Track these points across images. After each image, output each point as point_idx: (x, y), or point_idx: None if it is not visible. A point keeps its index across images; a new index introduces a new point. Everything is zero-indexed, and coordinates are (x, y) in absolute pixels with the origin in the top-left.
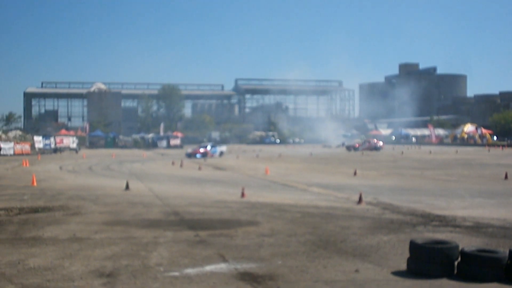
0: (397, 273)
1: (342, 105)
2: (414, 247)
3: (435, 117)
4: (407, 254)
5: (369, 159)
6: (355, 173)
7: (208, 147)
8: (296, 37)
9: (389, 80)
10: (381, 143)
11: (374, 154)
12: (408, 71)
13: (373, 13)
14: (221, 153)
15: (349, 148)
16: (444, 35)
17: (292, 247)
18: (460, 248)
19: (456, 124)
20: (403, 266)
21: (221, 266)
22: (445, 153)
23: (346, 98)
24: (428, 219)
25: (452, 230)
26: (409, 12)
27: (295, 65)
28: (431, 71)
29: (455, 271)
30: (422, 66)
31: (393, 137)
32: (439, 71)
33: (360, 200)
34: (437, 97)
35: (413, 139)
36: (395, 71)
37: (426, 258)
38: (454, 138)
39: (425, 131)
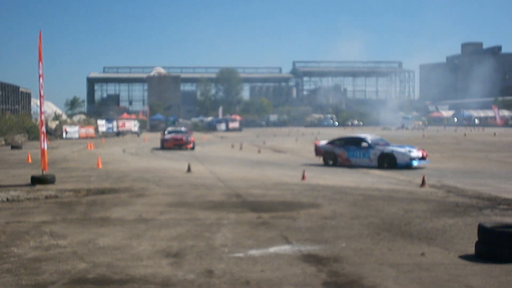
0: (465, 257)
1: (402, 87)
2: (483, 230)
3: (499, 98)
4: (474, 238)
5: (432, 142)
6: None
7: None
8: (353, 18)
9: (451, 60)
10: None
11: (435, 136)
12: (471, 50)
13: None
14: None
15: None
16: (509, 12)
17: (355, 230)
18: None
19: None
20: (470, 250)
21: (285, 248)
22: (510, 135)
23: (406, 79)
24: (495, 202)
25: None
26: None
27: (353, 47)
28: (495, 50)
29: None
30: (486, 45)
31: (455, 119)
32: (504, 50)
33: (423, 183)
34: (502, 77)
35: (476, 121)
36: (457, 51)
37: (496, 242)
38: None
39: (489, 113)
